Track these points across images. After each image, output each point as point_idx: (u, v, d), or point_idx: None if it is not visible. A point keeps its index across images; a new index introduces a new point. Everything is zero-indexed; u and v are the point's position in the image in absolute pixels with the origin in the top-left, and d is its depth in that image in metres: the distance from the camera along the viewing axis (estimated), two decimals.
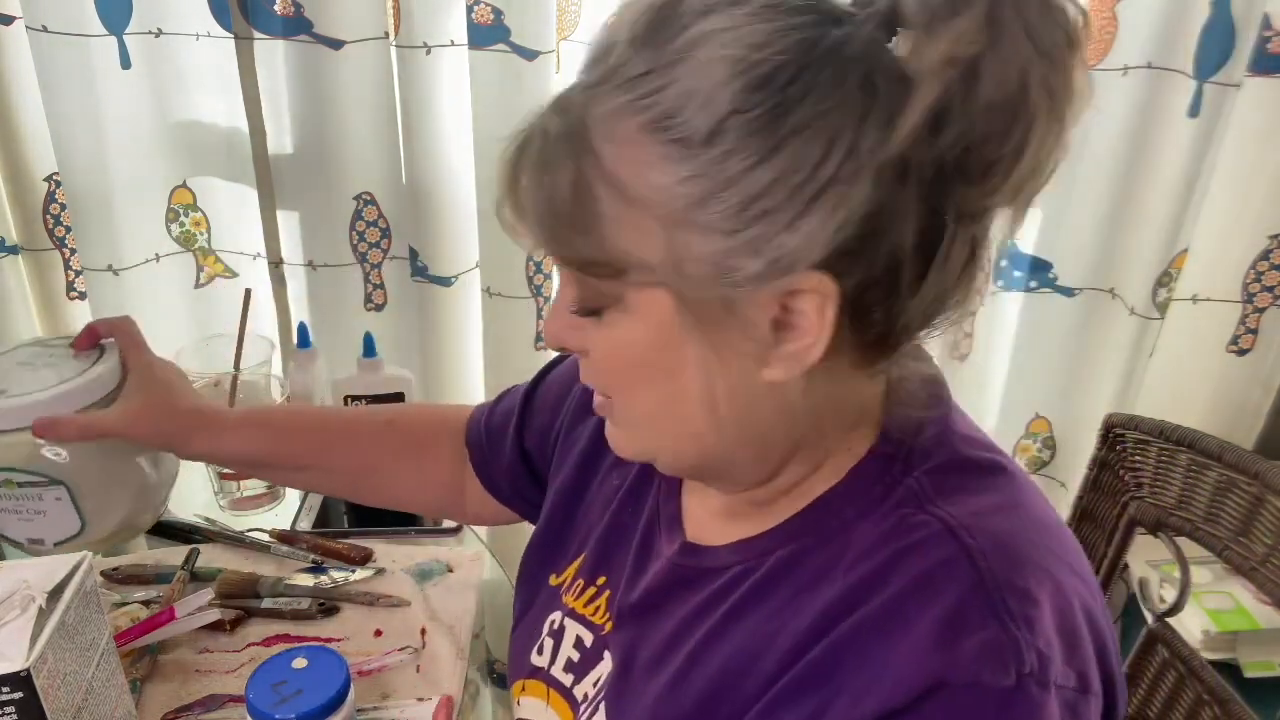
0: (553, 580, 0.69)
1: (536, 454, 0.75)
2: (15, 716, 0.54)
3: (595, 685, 0.60)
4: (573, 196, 0.44)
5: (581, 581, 0.66)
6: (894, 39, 0.42)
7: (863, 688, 0.44)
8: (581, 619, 0.64)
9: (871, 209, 0.41)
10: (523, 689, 0.66)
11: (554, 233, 0.46)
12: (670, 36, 0.43)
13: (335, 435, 0.81)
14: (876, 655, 0.45)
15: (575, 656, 0.63)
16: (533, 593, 0.70)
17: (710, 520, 0.58)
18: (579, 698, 0.62)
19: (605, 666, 0.60)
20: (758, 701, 0.49)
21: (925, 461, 0.50)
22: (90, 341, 0.79)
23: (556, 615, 0.66)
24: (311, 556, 0.88)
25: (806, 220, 0.41)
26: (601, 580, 0.64)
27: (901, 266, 0.43)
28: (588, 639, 0.63)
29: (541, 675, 0.65)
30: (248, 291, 1.05)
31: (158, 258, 1.36)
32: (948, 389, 0.54)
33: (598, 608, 0.63)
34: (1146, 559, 1.13)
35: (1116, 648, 0.50)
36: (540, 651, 0.66)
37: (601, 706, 0.58)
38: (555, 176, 0.45)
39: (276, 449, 0.79)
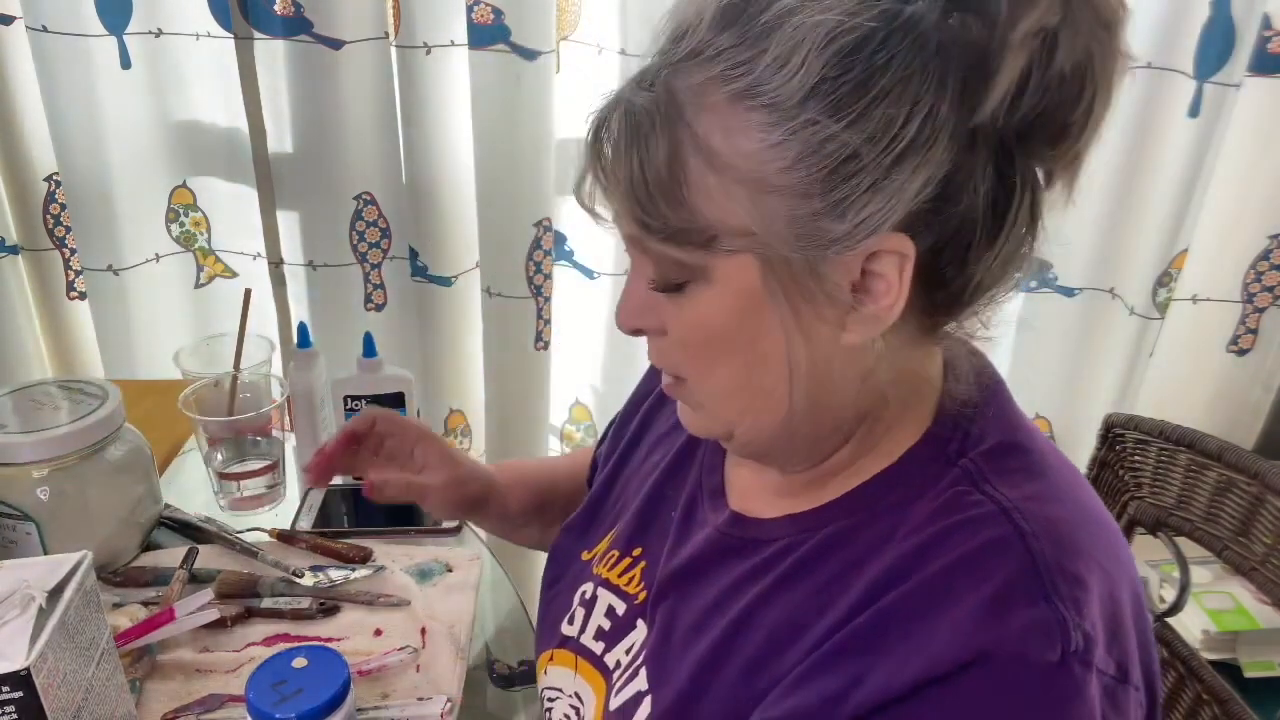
0: (584, 556, 0.70)
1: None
2: (15, 716, 0.54)
3: (628, 653, 0.61)
4: (667, 166, 0.45)
5: (616, 553, 0.66)
6: (954, 14, 0.44)
7: (905, 655, 0.45)
8: (615, 589, 0.65)
9: (949, 172, 0.44)
10: (551, 659, 0.67)
11: (645, 204, 0.47)
12: (758, 9, 0.44)
13: (581, 484, 0.83)
14: (922, 625, 0.45)
15: (606, 625, 0.64)
16: (563, 568, 0.71)
17: (760, 494, 0.59)
18: (610, 665, 0.62)
19: (638, 635, 0.61)
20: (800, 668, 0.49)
21: (980, 444, 0.51)
22: (346, 446, 0.78)
23: (588, 586, 0.67)
24: (294, 569, 0.88)
25: (891, 182, 0.43)
26: (637, 551, 0.65)
27: (974, 229, 0.46)
28: (620, 608, 0.63)
29: (571, 644, 0.65)
30: (248, 291, 1.05)
31: (158, 258, 1.36)
32: (995, 369, 0.56)
33: (631, 578, 0.64)
34: (1146, 559, 1.13)
35: (1154, 646, 0.51)
36: (571, 621, 0.66)
37: (641, 672, 0.58)
38: (647, 148, 0.46)
39: (545, 504, 0.83)
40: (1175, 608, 0.87)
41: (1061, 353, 1.26)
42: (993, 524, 0.46)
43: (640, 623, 0.61)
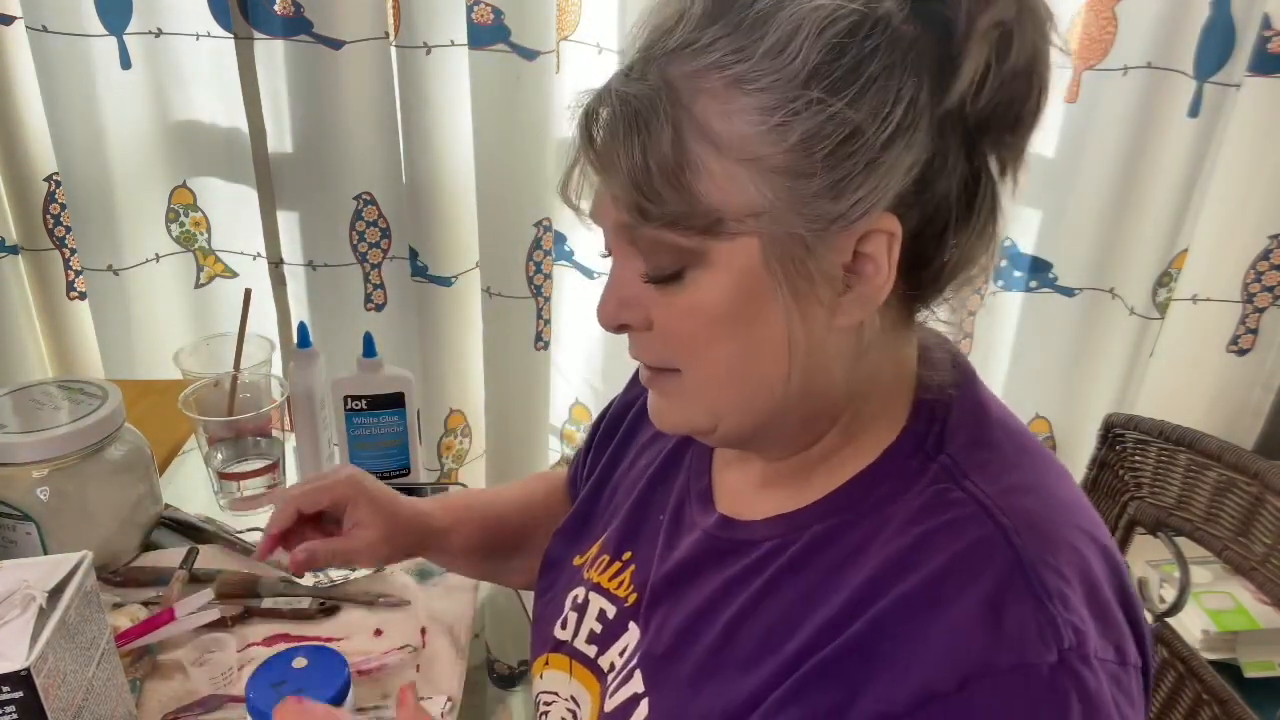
0: (576, 561, 0.70)
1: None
2: (15, 716, 0.54)
3: (622, 655, 0.61)
4: (671, 150, 0.46)
5: (606, 557, 0.67)
6: (921, 8, 0.46)
7: (903, 666, 0.45)
8: (605, 592, 0.65)
9: (929, 156, 0.47)
10: (546, 663, 0.67)
11: (646, 190, 0.47)
12: (748, 0, 0.46)
13: (531, 516, 0.82)
14: (916, 633, 0.46)
15: (598, 628, 0.64)
16: (556, 574, 0.72)
17: (746, 492, 0.60)
18: (605, 667, 0.62)
19: (631, 637, 0.61)
20: (796, 669, 0.50)
21: (956, 437, 0.52)
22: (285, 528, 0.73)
23: (580, 590, 0.67)
24: (283, 575, 0.87)
25: (883, 162, 0.46)
26: (627, 555, 0.65)
27: (949, 212, 0.49)
28: (611, 611, 0.64)
29: (565, 649, 0.66)
30: (248, 291, 1.05)
31: (158, 258, 1.36)
32: (966, 358, 0.57)
33: (621, 581, 0.64)
34: (1146, 559, 1.13)
35: (1143, 611, 0.51)
36: (564, 625, 0.67)
37: (637, 674, 0.59)
38: (649, 133, 0.47)
39: (491, 539, 0.81)
40: (1175, 608, 0.87)
41: (1061, 353, 1.26)
42: (974, 524, 0.48)
43: (632, 625, 0.62)
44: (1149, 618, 0.90)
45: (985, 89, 0.46)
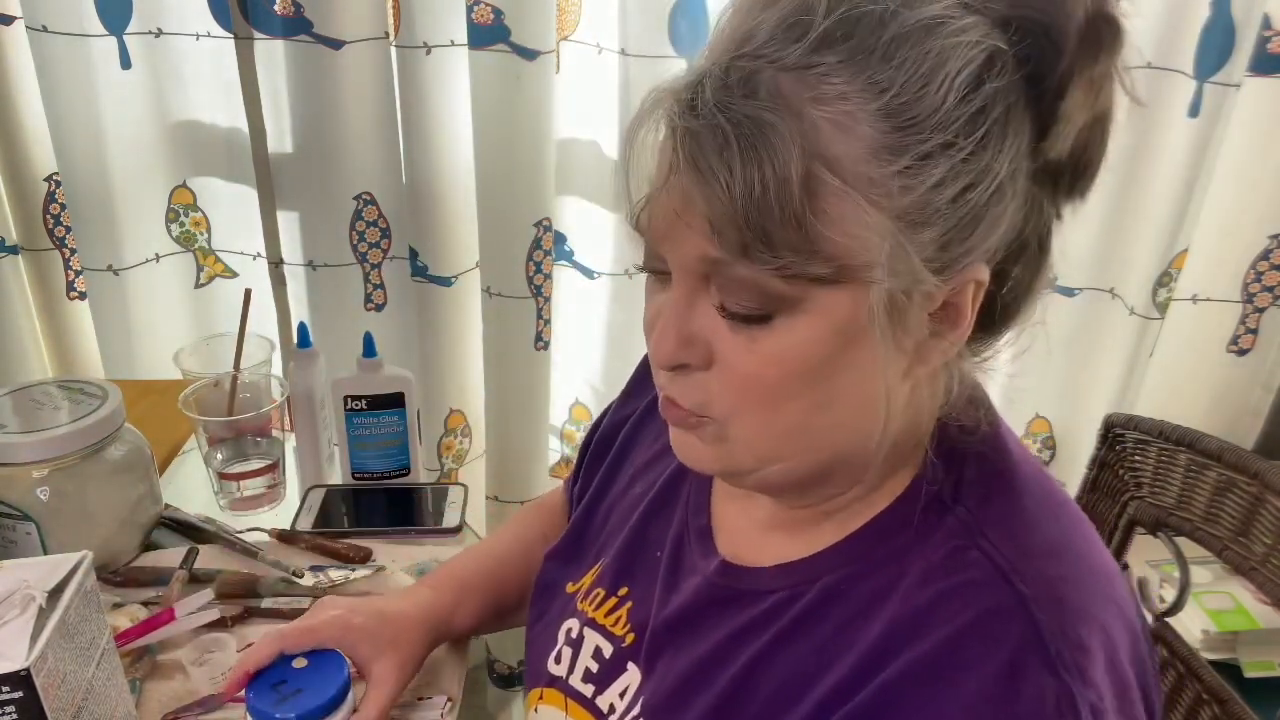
0: (569, 588, 0.68)
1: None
2: (15, 716, 0.54)
3: (622, 697, 0.60)
4: (800, 187, 0.40)
5: (601, 591, 0.65)
6: (1028, 57, 0.44)
7: None
8: (601, 629, 0.63)
9: (1027, 207, 0.45)
10: (540, 697, 0.65)
11: (757, 226, 0.41)
12: (871, 24, 0.41)
13: (533, 559, 0.77)
14: (929, 703, 0.44)
15: (594, 667, 0.62)
16: (549, 600, 0.70)
17: (751, 533, 0.57)
18: (604, 709, 0.61)
19: (631, 678, 0.59)
20: None
21: (974, 488, 0.49)
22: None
23: (574, 623, 0.65)
24: (294, 569, 0.87)
25: (995, 211, 0.43)
26: (624, 591, 0.63)
27: (1024, 261, 0.47)
28: (607, 650, 0.62)
29: (560, 685, 0.64)
30: (248, 291, 1.05)
31: (158, 258, 1.36)
32: (990, 403, 0.54)
33: (618, 618, 0.62)
34: (1146, 559, 1.13)
35: (1158, 684, 0.50)
36: (558, 660, 0.65)
37: None
38: (773, 164, 0.40)
39: (494, 603, 0.78)
40: (1175, 608, 0.87)
41: (1061, 353, 1.25)
42: (991, 590, 0.45)
43: (631, 666, 0.60)
44: (1149, 618, 0.90)
45: (1072, 138, 0.44)
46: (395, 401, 1.02)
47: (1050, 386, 1.28)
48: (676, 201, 0.44)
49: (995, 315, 0.48)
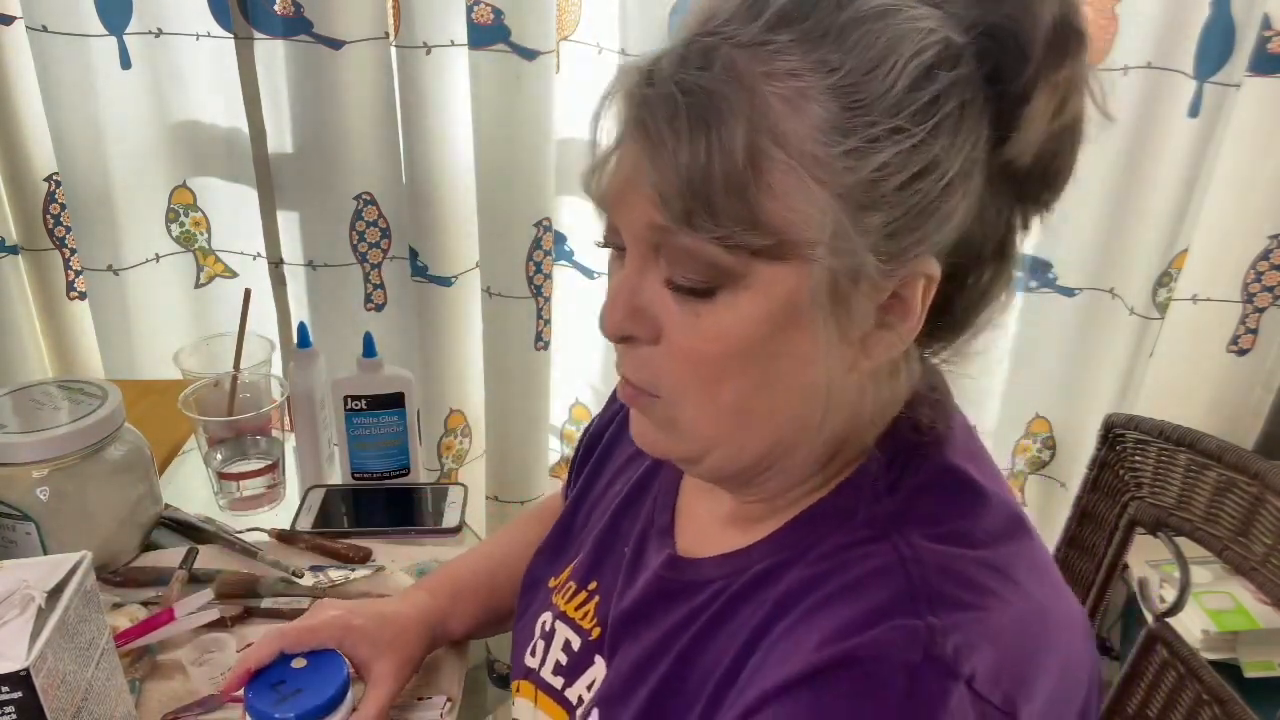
0: (551, 583, 0.69)
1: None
2: (15, 716, 0.54)
3: (590, 689, 0.60)
4: (742, 158, 0.41)
5: (574, 585, 0.65)
6: (991, 53, 0.43)
7: (780, 662, 0.45)
8: (570, 622, 0.64)
9: (980, 207, 0.44)
10: (517, 690, 0.66)
11: (703, 196, 0.42)
12: (829, 6, 0.42)
13: (518, 567, 0.77)
14: (797, 638, 0.45)
15: (564, 660, 0.63)
16: (533, 595, 0.71)
17: (711, 527, 0.58)
18: (573, 700, 0.61)
19: (598, 670, 0.60)
20: (718, 706, 0.49)
21: (908, 487, 0.49)
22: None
23: (548, 616, 0.66)
24: (294, 569, 0.87)
25: (946, 205, 0.43)
26: (593, 585, 0.64)
27: (980, 261, 0.46)
28: (575, 643, 0.63)
29: (533, 677, 0.65)
30: (248, 291, 1.05)
31: (158, 258, 1.36)
32: (957, 407, 0.54)
33: (586, 612, 0.63)
34: (1146, 559, 1.13)
35: None
36: (533, 653, 0.66)
37: (594, 715, 0.58)
38: (720, 134, 0.41)
39: (490, 608, 0.78)
40: (1175, 608, 0.87)
41: (1061, 353, 1.25)
42: (886, 577, 0.45)
43: (598, 658, 0.60)
44: (1149, 618, 0.90)
45: (1035, 144, 0.44)
46: (395, 401, 1.02)
47: (1050, 386, 1.28)
48: (628, 168, 0.45)
49: (956, 317, 0.48)
